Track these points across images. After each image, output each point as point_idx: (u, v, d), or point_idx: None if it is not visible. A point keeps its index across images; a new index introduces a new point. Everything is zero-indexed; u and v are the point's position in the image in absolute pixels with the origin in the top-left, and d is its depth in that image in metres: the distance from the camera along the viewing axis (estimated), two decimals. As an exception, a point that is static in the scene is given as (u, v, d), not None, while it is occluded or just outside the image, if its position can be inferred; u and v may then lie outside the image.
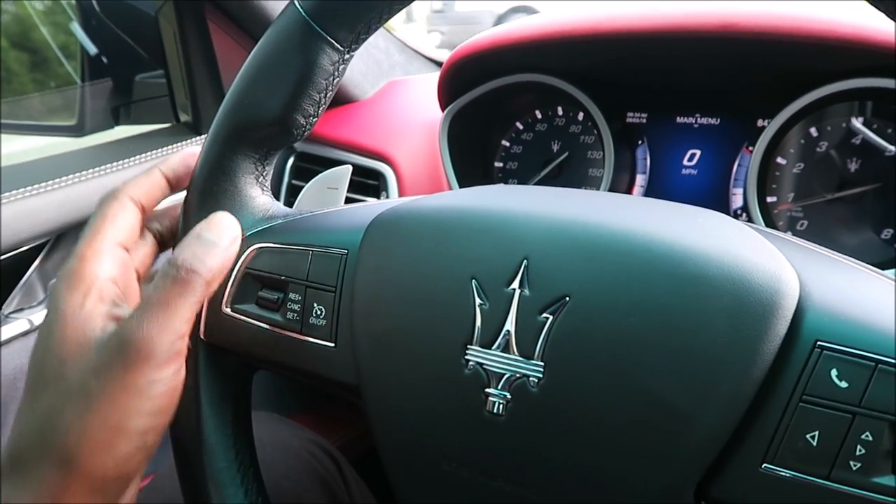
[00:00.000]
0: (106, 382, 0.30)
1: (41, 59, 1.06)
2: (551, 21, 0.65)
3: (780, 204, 0.64)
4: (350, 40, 0.38)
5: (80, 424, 0.30)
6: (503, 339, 0.31)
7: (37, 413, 0.31)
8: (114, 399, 0.30)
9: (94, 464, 0.30)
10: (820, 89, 0.57)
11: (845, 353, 0.27)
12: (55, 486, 0.30)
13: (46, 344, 0.32)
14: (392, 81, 0.99)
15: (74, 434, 0.30)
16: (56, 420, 0.30)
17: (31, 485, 0.30)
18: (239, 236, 0.36)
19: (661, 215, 0.32)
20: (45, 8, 1.11)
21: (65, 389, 0.30)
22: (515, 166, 0.78)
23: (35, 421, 0.31)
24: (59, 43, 1.05)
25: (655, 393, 0.29)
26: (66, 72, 1.02)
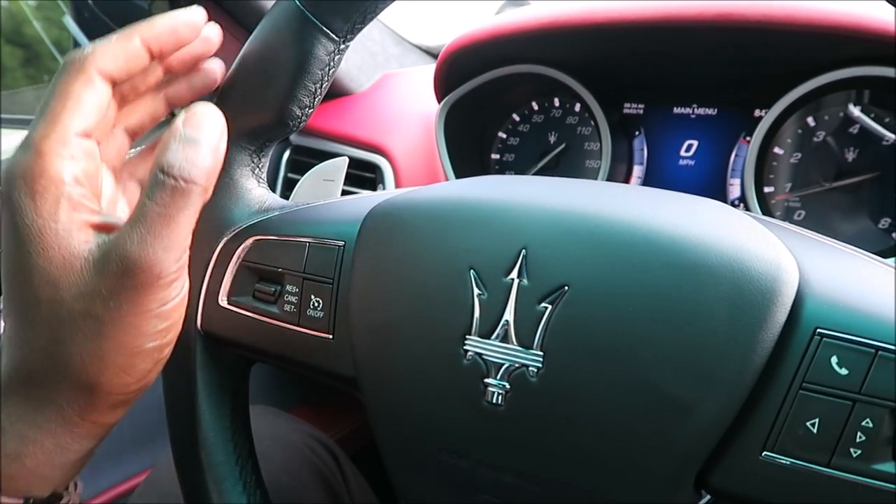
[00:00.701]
0: (116, 308, 0.28)
1: (34, 55, 1.05)
2: (548, 12, 0.64)
3: (778, 194, 0.63)
4: (346, 30, 0.37)
5: (96, 352, 0.28)
6: (502, 329, 0.31)
7: (39, 341, 0.28)
8: (127, 323, 0.29)
9: (117, 384, 0.29)
10: (816, 78, 0.57)
11: (845, 339, 0.27)
12: (80, 405, 0.29)
13: (23, 263, 0.28)
14: (388, 74, 0.98)
15: (94, 362, 0.28)
16: (68, 348, 0.28)
17: (50, 407, 0.29)
18: (225, 128, 0.31)
19: (660, 204, 0.32)
20: (38, 3, 1.10)
21: (68, 316, 0.28)
22: (512, 158, 0.78)
23: (40, 349, 0.28)
24: (52, 38, 1.05)
25: (655, 382, 0.28)
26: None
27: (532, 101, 0.75)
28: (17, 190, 0.28)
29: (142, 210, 0.28)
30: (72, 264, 0.28)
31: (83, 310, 0.28)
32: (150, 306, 0.29)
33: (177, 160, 0.28)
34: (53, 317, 0.28)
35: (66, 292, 0.28)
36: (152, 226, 0.28)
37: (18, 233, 0.28)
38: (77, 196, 0.29)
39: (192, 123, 0.29)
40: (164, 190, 0.28)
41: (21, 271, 0.28)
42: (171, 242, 0.28)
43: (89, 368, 0.28)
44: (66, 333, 0.28)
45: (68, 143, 0.29)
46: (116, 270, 0.28)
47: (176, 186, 0.28)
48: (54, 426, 0.29)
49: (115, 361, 0.29)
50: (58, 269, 0.28)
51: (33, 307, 0.28)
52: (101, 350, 0.28)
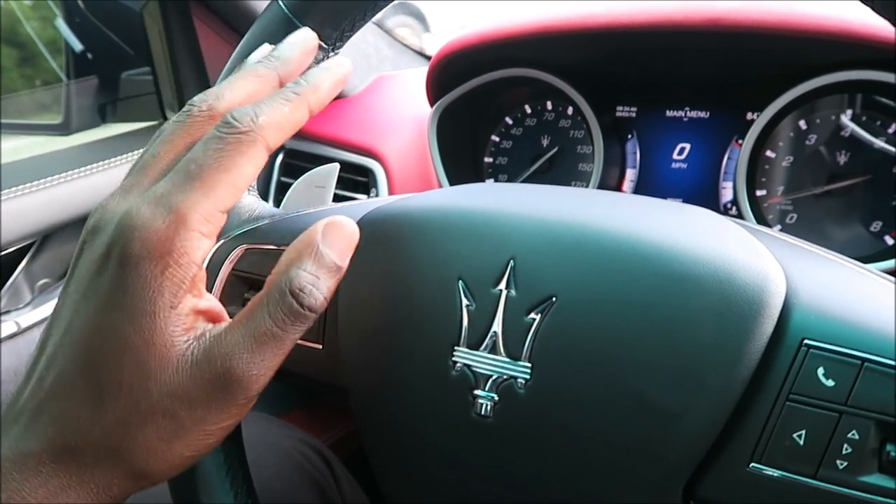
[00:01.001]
0: (202, 418, 0.27)
1: (30, 55, 1.05)
2: (540, 16, 0.64)
3: (770, 197, 0.63)
4: (335, 38, 0.37)
5: (164, 450, 0.27)
6: (490, 340, 0.31)
7: (108, 423, 0.26)
8: (200, 431, 0.27)
9: (161, 479, 0.28)
10: (808, 82, 0.57)
11: (832, 351, 0.27)
12: (121, 488, 0.27)
13: (117, 338, 0.26)
14: (381, 76, 0.98)
15: (155, 458, 0.27)
16: (136, 440, 0.26)
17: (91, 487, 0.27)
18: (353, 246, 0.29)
19: (648, 213, 0.32)
20: (33, 3, 1.10)
21: (147, 409, 0.26)
22: (505, 161, 0.77)
23: (104, 430, 0.26)
24: (48, 38, 1.04)
25: (643, 393, 0.28)
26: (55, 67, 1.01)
27: (525, 104, 0.75)
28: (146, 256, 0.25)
29: (259, 323, 0.26)
30: (169, 358, 0.26)
31: (166, 408, 0.26)
32: (227, 416, 0.27)
33: (307, 285, 0.26)
34: (131, 403, 0.26)
35: (155, 385, 0.26)
36: (263, 341, 0.26)
37: (126, 302, 0.25)
38: (199, 278, 0.27)
39: (333, 244, 0.27)
40: (285, 311, 0.26)
41: (112, 345, 0.26)
42: (272, 361, 0.27)
43: (147, 463, 0.27)
44: (139, 424, 0.26)
45: (214, 220, 0.26)
46: (215, 381, 0.26)
47: (298, 312, 0.26)
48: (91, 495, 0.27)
49: (177, 460, 0.28)
50: (155, 359, 0.26)
51: (113, 389, 0.26)
52: (170, 449, 0.27)
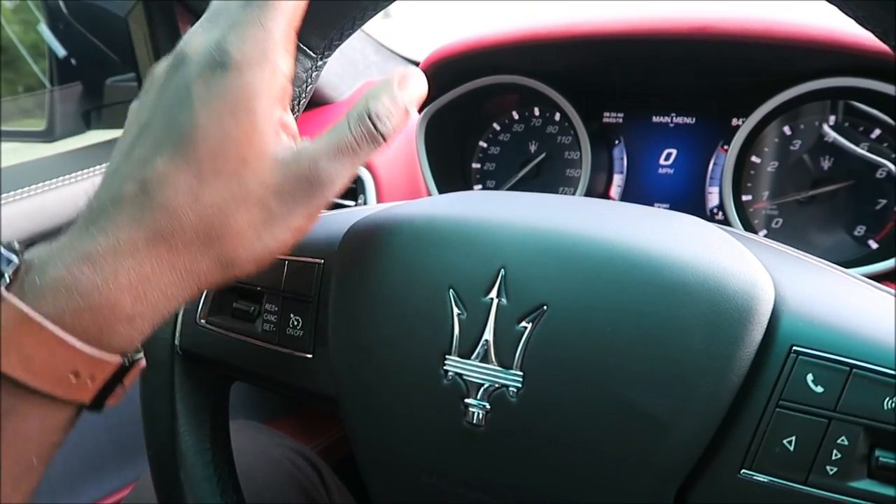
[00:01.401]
0: (289, 209, 0.30)
1: (11, 58, 1.04)
2: (527, 24, 0.65)
3: (756, 202, 0.64)
4: (323, 47, 0.37)
5: (252, 238, 0.30)
6: (482, 349, 0.31)
7: (204, 208, 0.29)
8: (287, 222, 0.31)
9: (246, 269, 0.31)
10: (792, 89, 0.57)
11: (820, 357, 0.27)
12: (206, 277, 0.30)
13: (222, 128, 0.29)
14: (368, 82, 0.98)
15: (244, 241, 0.30)
16: (228, 226, 0.29)
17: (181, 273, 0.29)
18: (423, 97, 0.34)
19: (637, 221, 0.32)
20: (14, 6, 1.09)
21: (241, 195, 0.29)
22: (493, 167, 0.78)
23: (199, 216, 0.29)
24: (30, 42, 1.03)
25: (634, 400, 0.29)
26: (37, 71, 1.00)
27: (512, 110, 0.76)
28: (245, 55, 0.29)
29: (341, 136, 0.31)
30: (265, 153, 0.30)
31: (259, 196, 0.30)
32: (309, 212, 0.31)
33: (383, 114, 0.31)
34: (228, 192, 0.29)
35: (251, 176, 0.29)
36: (343, 151, 0.31)
37: (230, 97, 0.29)
38: (286, 94, 0.31)
39: (406, 87, 0.32)
40: (364, 130, 0.31)
41: (214, 134, 0.29)
42: (348, 170, 0.31)
43: (237, 250, 0.30)
44: (233, 211, 0.29)
45: (291, 39, 0.31)
46: (304, 177, 0.30)
47: (373, 134, 0.31)
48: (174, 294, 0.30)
49: (258, 250, 0.30)
50: (253, 152, 0.29)
51: (211, 176, 0.29)
52: (258, 237, 0.30)
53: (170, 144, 0.29)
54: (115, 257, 0.28)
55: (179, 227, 0.29)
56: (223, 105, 0.29)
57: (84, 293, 0.27)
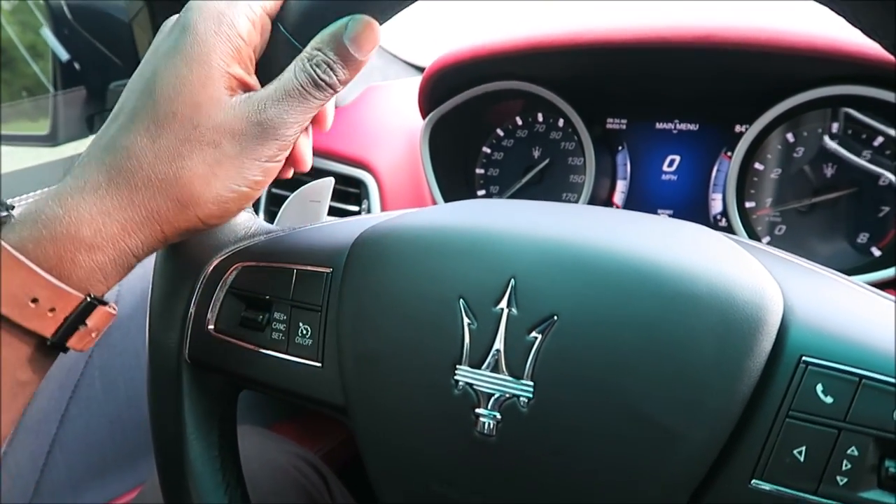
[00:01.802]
0: (241, 149, 0.33)
1: (9, 59, 1.04)
2: (532, 32, 0.65)
3: (759, 209, 0.64)
4: None
5: (205, 175, 0.32)
6: (492, 359, 0.31)
7: (160, 148, 0.32)
8: (240, 164, 0.33)
9: (206, 212, 0.33)
10: (796, 96, 0.58)
11: (830, 368, 0.27)
12: (164, 218, 0.33)
13: (177, 77, 0.32)
14: (370, 87, 0.98)
15: (198, 184, 0.32)
16: (184, 163, 0.32)
17: (140, 212, 0.32)
18: (376, 45, 0.35)
19: (647, 231, 0.32)
20: (12, 7, 1.08)
21: (196, 138, 0.32)
22: (497, 173, 0.78)
23: (156, 158, 0.32)
24: (28, 42, 1.03)
25: (644, 411, 0.29)
26: (34, 72, 1.00)
27: (516, 116, 0.76)
28: (203, 19, 0.32)
29: (287, 84, 0.33)
30: (218, 99, 0.32)
31: (211, 139, 0.32)
32: (262, 156, 0.33)
33: (323, 62, 0.33)
34: (182, 133, 0.32)
35: (204, 118, 0.32)
36: (290, 98, 0.33)
37: (186, 50, 0.32)
38: (245, 55, 0.34)
39: (355, 40, 0.33)
40: (309, 79, 0.33)
41: (171, 82, 0.32)
42: (296, 114, 0.33)
43: (193, 188, 0.32)
44: (188, 152, 0.32)
45: (256, 11, 0.34)
46: (253, 118, 0.33)
47: (319, 82, 0.33)
48: (134, 230, 0.32)
49: (217, 191, 0.33)
50: (206, 97, 0.32)
51: (168, 119, 0.32)
52: (210, 176, 0.33)
53: (135, 98, 0.33)
54: (79, 193, 0.31)
55: (138, 166, 0.32)
56: (180, 57, 0.32)
57: (46, 223, 0.31)
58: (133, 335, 0.82)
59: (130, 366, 0.83)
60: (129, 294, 0.80)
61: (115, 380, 0.81)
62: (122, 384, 0.82)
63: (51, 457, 0.76)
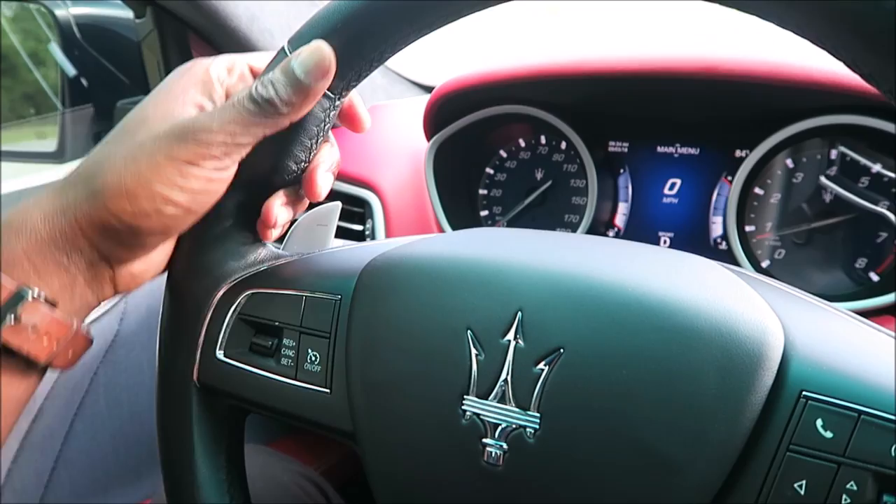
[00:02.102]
0: (158, 147, 0.34)
1: (10, 66, 1.05)
2: (536, 59, 0.66)
3: (759, 233, 0.65)
4: (341, 87, 0.38)
5: (119, 169, 0.34)
6: (499, 390, 0.32)
7: (96, 151, 0.36)
8: (155, 161, 0.34)
9: (117, 205, 0.34)
10: (795, 125, 0.59)
11: (830, 403, 0.28)
12: (81, 205, 0.35)
13: (143, 103, 0.37)
14: (375, 106, 0.99)
15: (111, 175, 0.34)
16: (105, 159, 0.35)
17: (63, 197, 0.35)
18: (332, 71, 0.35)
19: (652, 265, 0.33)
20: (14, 14, 1.09)
21: (128, 141, 0.35)
22: (500, 193, 0.79)
23: (92, 157, 0.36)
24: (29, 49, 1.04)
25: (648, 443, 0.29)
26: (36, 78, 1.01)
27: (519, 138, 0.77)
28: (184, 66, 0.38)
29: (231, 105, 0.35)
30: (166, 116, 0.36)
31: (132, 130, 0.36)
32: (178, 156, 0.34)
33: (271, 80, 0.34)
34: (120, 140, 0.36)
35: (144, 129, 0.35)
36: (225, 108, 0.35)
37: (162, 84, 0.37)
38: (208, 84, 0.37)
39: (304, 65, 0.34)
40: (254, 105, 0.34)
41: (139, 110, 0.37)
42: (227, 126, 0.34)
43: (105, 176, 0.34)
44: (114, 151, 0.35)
45: (237, 57, 0.39)
46: (178, 120, 0.35)
47: (265, 110, 0.34)
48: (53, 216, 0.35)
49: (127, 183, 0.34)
50: (156, 113, 0.36)
51: (118, 131, 0.37)
52: (123, 168, 0.34)
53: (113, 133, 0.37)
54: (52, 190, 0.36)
55: (109, 168, 0.35)
56: (155, 90, 0.37)
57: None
58: (137, 352, 0.83)
59: (134, 382, 0.84)
60: (133, 311, 0.81)
61: (119, 396, 0.82)
62: (126, 400, 0.83)
63: (55, 473, 0.77)
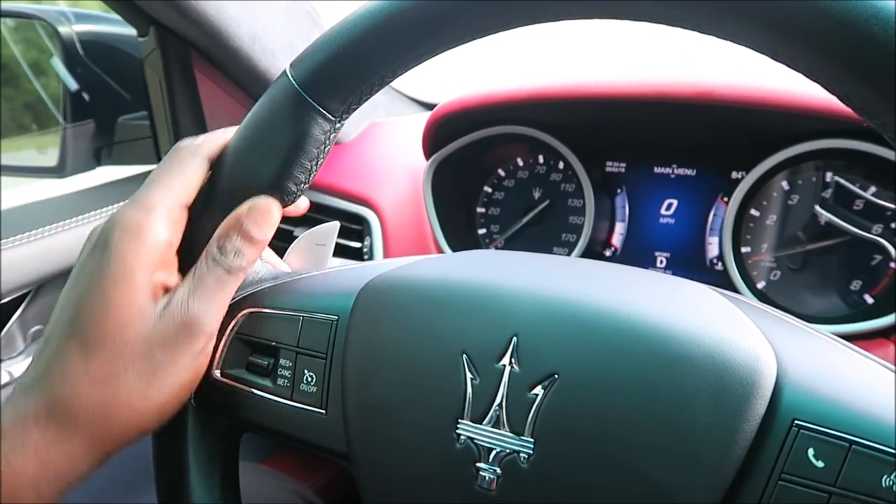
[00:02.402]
0: (171, 354, 0.34)
1: (11, 75, 1.05)
2: (535, 82, 0.67)
3: (755, 255, 0.66)
4: (341, 110, 0.39)
5: (143, 391, 0.33)
6: (494, 415, 0.32)
7: (92, 371, 0.32)
8: (174, 367, 0.34)
9: (147, 423, 0.34)
10: (791, 148, 0.59)
11: (821, 432, 0.28)
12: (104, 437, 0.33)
13: (103, 297, 0.33)
14: (374, 123, 1.00)
15: (138, 400, 0.33)
16: (119, 384, 0.32)
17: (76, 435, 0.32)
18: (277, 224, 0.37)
19: (647, 291, 0.33)
20: (16, 24, 1.10)
21: (129, 354, 0.33)
22: (498, 212, 0.79)
23: (91, 380, 0.32)
24: (30, 60, 1.04)
25: (642, 469, 0.29)
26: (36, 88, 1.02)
27: (517, 157, 0.77)
28: (123, 236, 0.33)
29: (202, 277, 0.35)
30: (144, 311, 0.33)
31: (143, 352, 0.33)
32: (192, 351, 0.34)
33: (230, 250, 0.35)
34: (114, 353, 0.32)
35: (133, 334, 0.33)
36: (207, 291, 0.35)
37: (109, 270, 0.33)
38: (167, 258, 0.35)
39: (255, 221, 0.36)
40: (219, 267, 0.35)
41: (98, 305, 0.33)
42: (214, 304, 0.35)
43: (131, 405, 0.33)
44: (122, 369, 0.33)
45: (174, 212, 0.35)
46: (178, 320, 0.34)
47: (230, 268, 0.35)
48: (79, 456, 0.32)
49: (153, 401, 0.34)
50: (133, 312, 0.33)
51: (98, 341, 0.32)
52: (146, 388, 0.33)
53: (65, 322, 0.33)
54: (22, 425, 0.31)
55: (75, 391, 0.32)
56: (105, 279, 0.33)
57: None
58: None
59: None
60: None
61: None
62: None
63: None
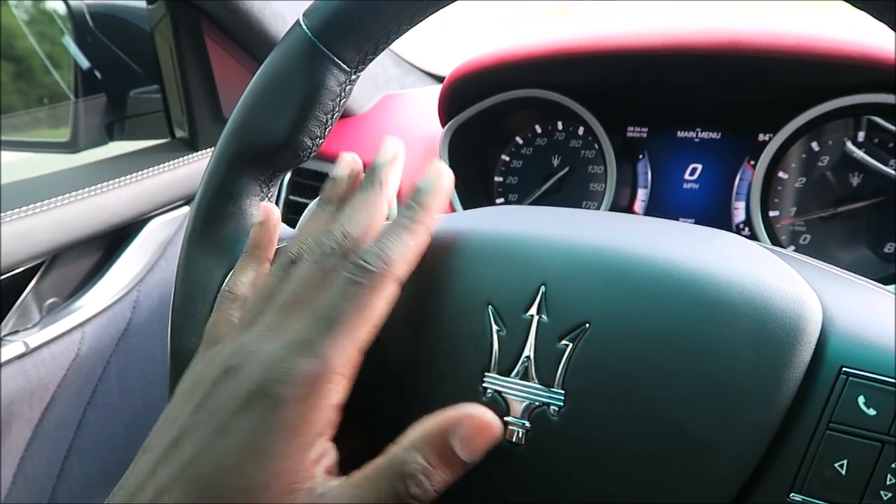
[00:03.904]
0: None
1: (26, 69, 1.05)
2: (552, 39, 0.65)
3: (783, 218, 0.64)
4: (357, 61, 0.37)
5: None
6: (522, 367, 0.31)
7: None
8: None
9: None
10: (821, 105, 0.57)
11: (872, 379, 0.26)
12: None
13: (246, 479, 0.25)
14: (388, 95, 0.99)
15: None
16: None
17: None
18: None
19: (680, 239, 0.32)
20: (30, 17, 1.10)
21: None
22: (516, 181, 0.78)
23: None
24: (44, 52, 1.04)
25: (678, 422, 0.28)
26: (53, 80, 1.01)
27: (535, 124, 0.76)
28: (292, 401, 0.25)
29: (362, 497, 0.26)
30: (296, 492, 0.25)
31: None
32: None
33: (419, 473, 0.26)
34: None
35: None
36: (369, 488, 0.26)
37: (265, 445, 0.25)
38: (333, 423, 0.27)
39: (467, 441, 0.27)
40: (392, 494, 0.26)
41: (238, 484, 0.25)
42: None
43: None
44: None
45: (353, 361, 0.27)
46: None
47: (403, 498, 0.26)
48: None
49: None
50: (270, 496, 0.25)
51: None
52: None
53: (188, 481, 0.25)
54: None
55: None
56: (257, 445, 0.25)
57: None
58: (150, 341, 0.82)
59: (147, 371, 0.83)
60: (146, 300, 0.81)
61: (132, 386, 0.81)
62: (139, 390, 0.82)
63: (67, 463, 0.76)
